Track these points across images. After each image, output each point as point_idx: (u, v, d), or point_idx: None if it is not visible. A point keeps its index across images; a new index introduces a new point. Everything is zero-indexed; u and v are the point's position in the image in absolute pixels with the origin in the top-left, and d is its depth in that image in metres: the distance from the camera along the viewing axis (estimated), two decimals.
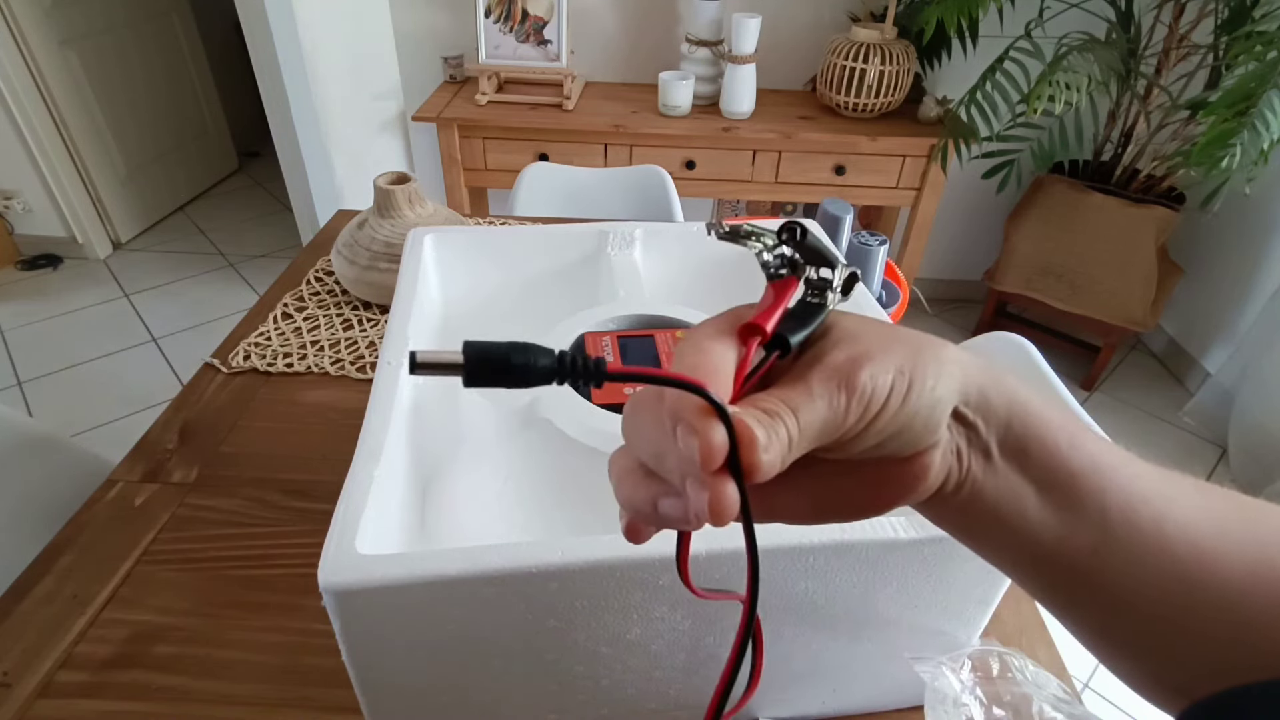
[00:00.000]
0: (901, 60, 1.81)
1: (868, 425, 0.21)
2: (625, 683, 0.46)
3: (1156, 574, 0.22)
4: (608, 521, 0.57)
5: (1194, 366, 2.14)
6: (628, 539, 0.23)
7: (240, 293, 2.44)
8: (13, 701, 0.52)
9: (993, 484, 0.22)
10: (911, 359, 0.21)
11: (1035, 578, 0.24)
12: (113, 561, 0.62)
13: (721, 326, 0.22)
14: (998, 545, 0.24)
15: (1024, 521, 0.22)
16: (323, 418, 0.79)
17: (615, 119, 1.87)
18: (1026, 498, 0.22)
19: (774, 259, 0.25)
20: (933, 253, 2.42)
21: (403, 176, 0.94)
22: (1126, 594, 0.22)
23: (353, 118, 2.12)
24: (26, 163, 2.35)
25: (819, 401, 0.20)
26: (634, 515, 0.22)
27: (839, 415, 0.20)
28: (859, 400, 0.20)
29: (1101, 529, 0.22)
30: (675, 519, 0.20)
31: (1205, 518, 0.22)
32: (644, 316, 0.65)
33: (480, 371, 0.19)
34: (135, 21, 2.61)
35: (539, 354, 0.19)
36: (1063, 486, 0.22)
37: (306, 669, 0.55)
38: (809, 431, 0.20)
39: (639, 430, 0.21)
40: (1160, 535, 0.22)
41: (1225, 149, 1.42)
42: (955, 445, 0.22)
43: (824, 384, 0.21)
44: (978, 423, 0.22)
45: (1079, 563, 0.22)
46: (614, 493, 0.22)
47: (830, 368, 0.21)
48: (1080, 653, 0.26)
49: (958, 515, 0.23)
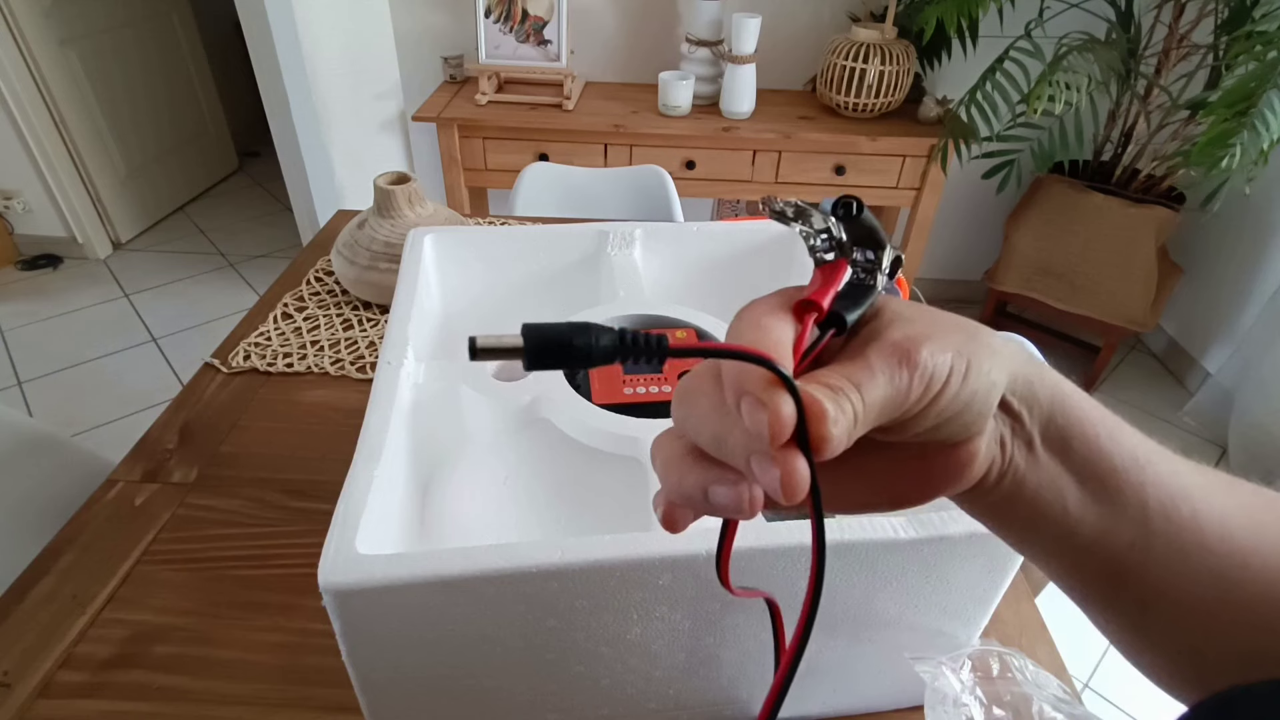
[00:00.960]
0: (901, 60, 1.81)
1: (929, 405, 0.20)
2: (625, 682, 0.46)
3: (1194, 569, 0.22)
4: (608, 521, 0.57)
5: (1194, 366, 2.14)
6: (665, 527, 0.22)
7: (240, 293, 2.44)
8: (13, 701, 0.52)
9: (1035, 475, 0.22)
10: (966, 342, 0.21)
11: (1073, 572, 0.24)
12: (113, 561, 0.62)
13: (775, 304, 0.22)
14: (1037, 538, 0.24)
15: (1065, 514, 0.22)
16: (323, 418, 0.79)
17: (615, 119, 1.87)
18: (1068, 490, 0.22)
19: (821, 242, 0.24)
20: (933, 253, 2.42)
21: (403, 176, 0.94)
22: (1164, 589, 0.22)
23: (353, 118, 2.12)
24: (26, 163, 2.35)
25: (881, 377, 0.20)
26: (682, 502, 0.21)
27: (901, 392, 0.20)
28: (920, 377, 0.20)
29: (1141, 523, 0.22)
30: (728, 506, 0.20)
31: (1238, 514, 0.23)
32: (644, 316, 0.66)
33: (542, 354, 0.19)
34: (135, 21, 2.62)
35: (600, 333, 0.19)
36: (1104, 479, 0.22)
37: (306, 669, 0.55)
38: (873, 408, 0.19)
39: (693, 411, 0.20)
40: (1197, 530, 0.22)
41: (1225, 149, 1.42)
42: (1000, 434, 0.22)
43: (884, 360, 0.20)
44: (1022, 412, 0.22)
45: (1118, 557, 0.22)
46: (660, 478, 0.21)
47: (889, 345, 0.20)
48: (1080, 653, 0.26)
49: (999, 507, 0.23)
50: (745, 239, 0.74)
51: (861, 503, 0.23)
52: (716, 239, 0.74)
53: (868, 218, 0.23)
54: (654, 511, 0.22)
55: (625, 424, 0.53)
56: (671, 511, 0.22)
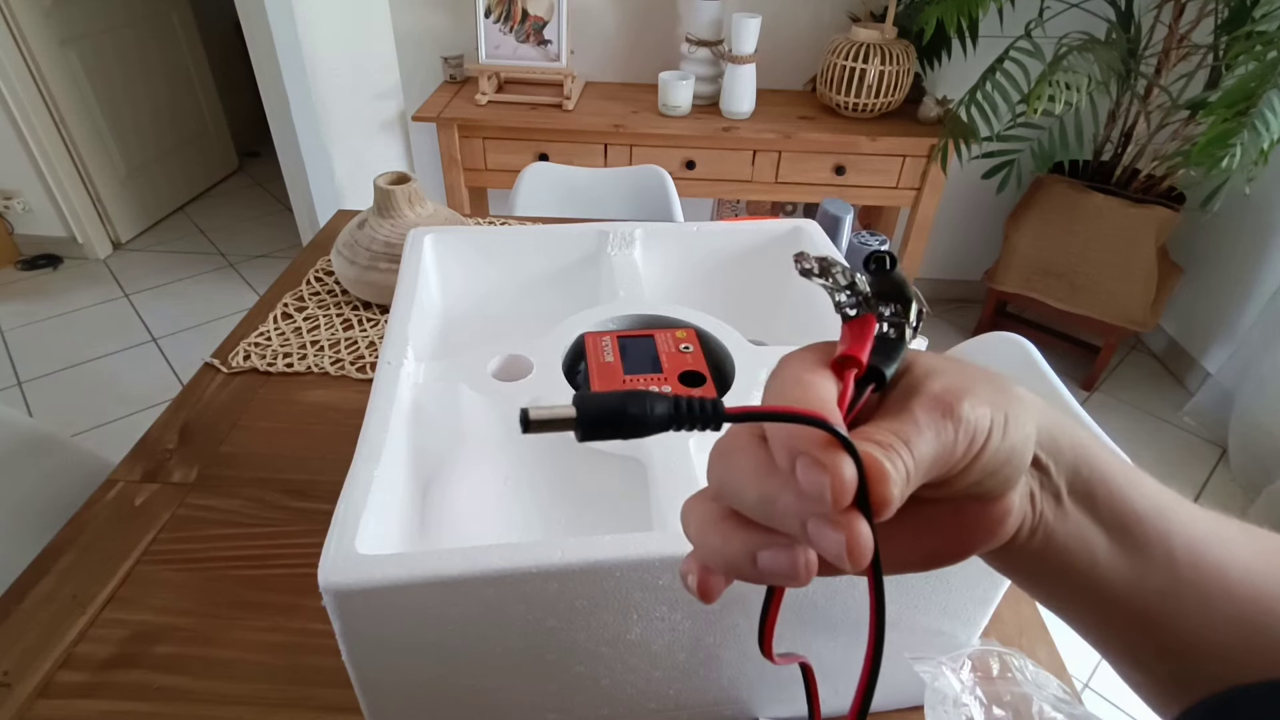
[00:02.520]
0: (901, 60, 1.81)
1: (974, 459, 0.20)
2: (625, 683, 0.46)
3: (1221, 615, 0.22)
4: (608, 521, 0.57)
5: (1194, 366, 2.14)
6: (700, 597, 0.21)
7: (240, 293, 2.44)
8: (13, 701, 0.52)
9: (1064, 528, 0.22)
10: (998, 395, 0.21)
11: (1104, 626, 0.24)
12: (113, 561, 0.62)
13: (813, 360, 0.21)
14: (1069, 593, 0.23)
15: (1094, 566, 0.22)
16: (323, 418, 0.79)
17: (615, 119, 1.87)
18: (1096, 542, 0.22)
19: (848, 298, 0.24)
20: (933, 253, 2.42)
21: (403, 176, 0.94)
22: (1192, 637, 0.22)
23: (353, 118, 2.12)
24: (26, 163, 2.35)
25: (928, 433, 0.19)
26: (724, 568, 0.20)
27: (949, 446, 0.19)
28: (965, 432, 0.19)
29: (1169, 572, 0.22)
30: (780, 572, 0.19)
31: (1258, 559, 0.22)
32: (644, 316, 0.66)
33: (597, 425, 0.18)
34: (135, 21, 2.62)
35: (655, 401, 0.19)
36: (1130, 529, 0.22)
37: (306, 669, 0.55)
38: (923, 463, 0.19)
39: (735, 474, 0.20)
40: (1223, 577, 0.22)
41: (1225, 149, 1.42)
42: (1029, 489, 0.22)
43: (929, 415, 0.19)
44: (1049, 465, 0.22)
45: (1148, 606, 0.22)
46: (696, 543, 0.20)
47: (930, 399, 0.20)
48: (1080, 652, 0.26)
49: (1032, 563, 0.23)
50: (745, 239, 0.74)
51: (897, 562, 0.22)
52: (716, 239, 0.74)
53: (899, 273, 0.23)
54: (683, 580, 0.21)
55: None
56: (707, 579, 0.21)
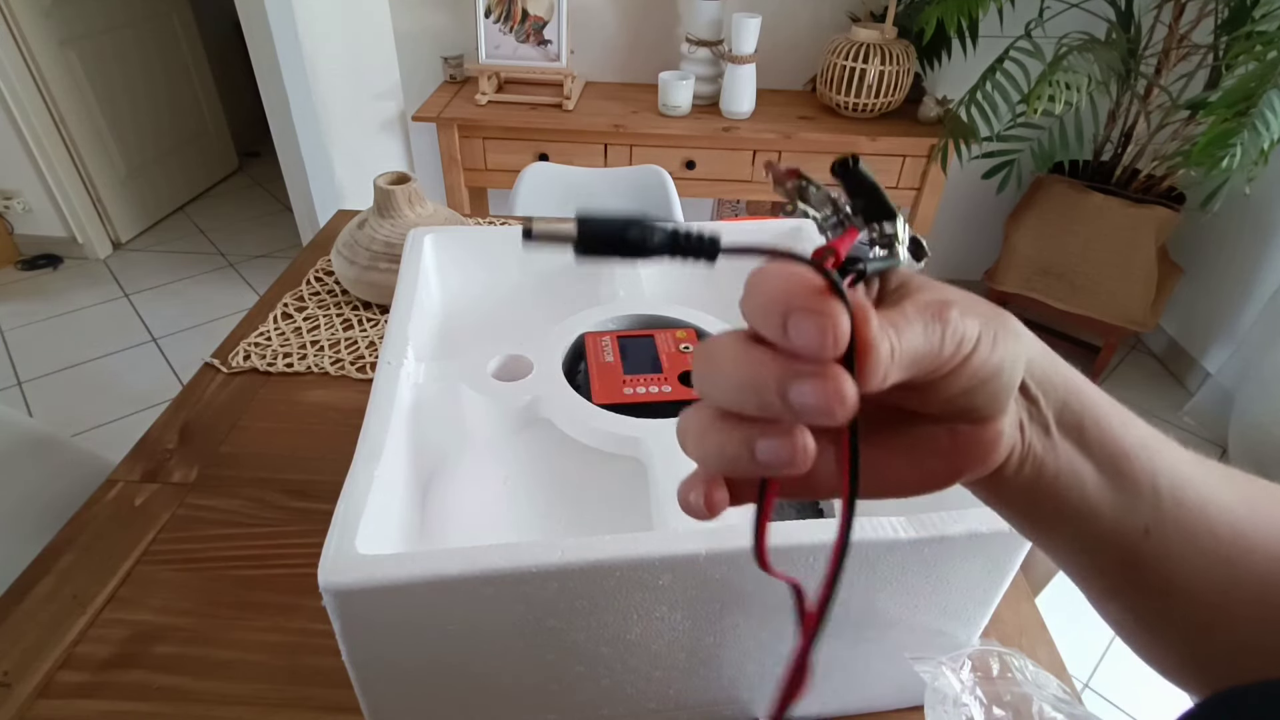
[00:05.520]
0: (901, 60, 1.81)
1: (961, 364, 0.20)
2: (625, 683, 0.46)
3: (1204, 555, 0.22)
4: (608, 521, 0.57)
5: (1194, 366, 2.14)
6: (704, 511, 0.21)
7: (240, 293, 2.44)
8: (13, 701, 0.52)
9: (1053, 460, 0.23)
10: (991, 315, 0.21)
11: (1090, 563, 0.24)
12: (113, 561, 0.62)
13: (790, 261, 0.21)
14: (1057, 528, 0.24)
15: (1083, 501, 0.23)
16: (323, 418, 0.79)
17: (615, 119, 1.87)
18: (1085, 475, 0.22)
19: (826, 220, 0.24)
20: (933, 253, 2.40)
21: (403, 176, 0.94)
22: (1177, 576, 0.23)
23: (353, 118, 2.12)
24: (26, 163, 2.35)
25: (916, 325, 0.19)
26: (726, 468, 0.20)
27: (935, 345, 0.20)
28: (952, 334, 0.20)
29: (1155, 508, 0.22)
30: (778, 456, 0.19)
31: (1239, 501, 0.23)
32: (644, 316, 0.66)
33: (595, 243, 0.19)
34: (135, 21, 2.61)
35: (654, 229, 0.19)
36: (1118, 465, 0.22)
37: (306, 669, 0.55)
38: (908, 352, 0.19)
39: (721, 369, 0.20)
40: (1205, 516, 0.22)
41: (1225, 149, 1.42)
42: (1018, 418, 0.22)
43: (919, 312, 0.20)
44: (1039, 396, 0.22)
45: (1134, 544, 0.23)
46: (695, 452, 0.20)
47: (921, 302, 0.20)
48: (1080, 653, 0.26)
49: (1022, 495, 0.23)
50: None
51: (894, 481, 0.23)
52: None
53: (865, 171, 0.23)
54: (683, 502, 0.21)
55: (625, 424, 0.53)
56: (710, 492, 0.21)
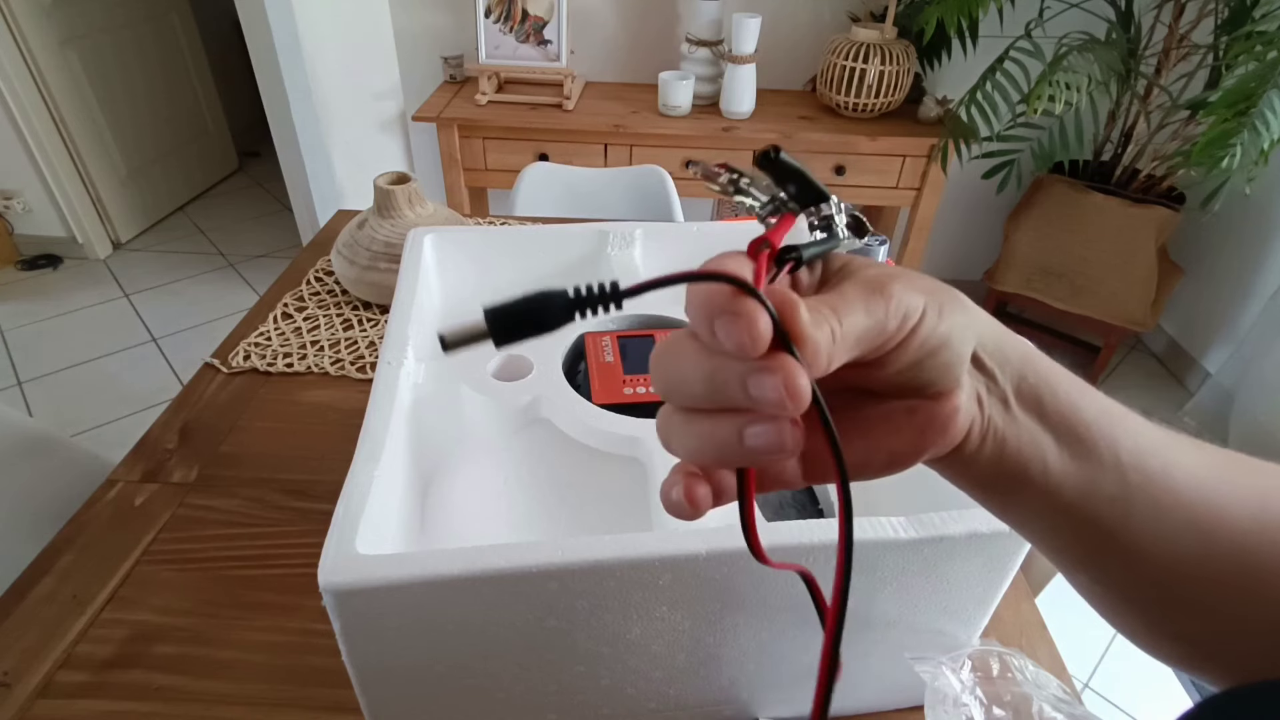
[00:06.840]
0: (901, 60, 1.81)
1: (908, 337, 0.21)
2: (625, 683, 0.46)
3: (1172, 522, 0.22)
4: (608, 521, 0.57)
5: (1194, 366, 2.14)
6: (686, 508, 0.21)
7: (240, 293, 2.44)
8: (13, 701, 0.52)
9: (1014, 434, 0.23)
10: (935, 290, 0.22)
11: (1059, 537, 0.24)
12: (113, 561, 0.62)
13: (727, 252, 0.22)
14: (1023, 503, 0.24)
15: (1046, 474, 0.23)
16: (323, 418, 0.79)
17: (615, 119, 1.87)
18: (1047, 447, 0.23)
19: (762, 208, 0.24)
20: (933, 253, 2.42)
21: (403, 176, 0.94)
22: (1146, 544, 0.23)
23: (353, 118, 2.13)
24: (26, 163, 2.35)
25: (858, 304, 0.20)
26: (715, 457, 0.20)
27: (880, 318, 0.20)
28: (896, 308, 0.20)
29: (1119, 477, 0.22)
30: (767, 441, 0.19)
31: (1207, 468, 0.23)
32: (644, 316, 0.66)
33: (507, 330, 0.20)
34: (135, 21, 2.61)
35: (553, 296, 0.20)
36: (1079, 434, 0.23)
37: (306, 669, 0.55)
38: (851, 332, 0.19)
39: (677, 370, 0.20)
40: (1170, 483, 0.23)
41: (1225, 149, 1.42)
42: (976, 392, 0.23)
43: (859, 291, 0.20)
44: (995, 370, 0.23)
45: (1101, 513, 0.23)
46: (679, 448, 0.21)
47: (862, 280, 0.21)
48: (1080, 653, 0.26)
49: (986, 472, 0.24)
50: (745, 239, 0.74)
51: (861, 464, 0.23)
52: (716, 239, 0.74)
53: (787, 159, 0.23)
54: (665, 500, 0.21)
55: (625, 424, 0.53)
56: (693, 488, 0.21)
